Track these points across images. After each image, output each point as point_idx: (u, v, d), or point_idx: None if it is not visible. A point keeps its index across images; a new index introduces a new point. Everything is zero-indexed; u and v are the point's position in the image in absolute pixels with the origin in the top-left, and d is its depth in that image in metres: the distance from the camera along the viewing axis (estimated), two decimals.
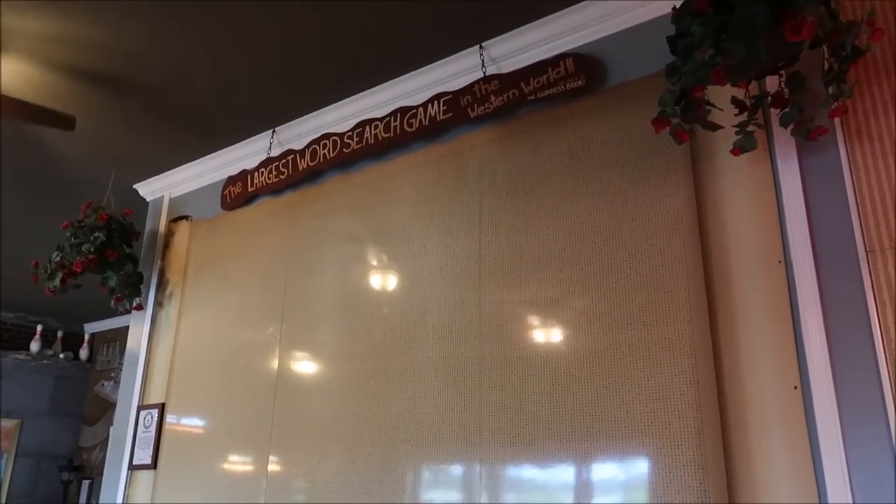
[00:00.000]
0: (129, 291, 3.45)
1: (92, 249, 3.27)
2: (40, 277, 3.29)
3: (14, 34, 2.67)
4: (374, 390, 2.60)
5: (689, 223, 2.05)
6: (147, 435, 3.34)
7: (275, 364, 2.98)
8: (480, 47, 2.65)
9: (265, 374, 2.99)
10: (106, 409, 6.89)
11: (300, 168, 3.12)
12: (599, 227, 2.23)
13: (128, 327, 3.76)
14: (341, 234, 2.95)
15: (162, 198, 3.89)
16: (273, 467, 2.81)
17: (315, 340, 2.87)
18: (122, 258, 3.40)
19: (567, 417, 2.12)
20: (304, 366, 2.88)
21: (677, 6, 1.84)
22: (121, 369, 6.97)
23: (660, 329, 2.02)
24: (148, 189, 3.94)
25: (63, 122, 2.79)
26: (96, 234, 3.31)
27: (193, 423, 3.20)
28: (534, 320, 2.28)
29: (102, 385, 7.00)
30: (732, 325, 1.91)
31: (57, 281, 3.23)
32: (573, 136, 2.38)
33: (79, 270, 3.22)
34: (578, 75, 2.36)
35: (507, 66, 2.62)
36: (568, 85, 2.38)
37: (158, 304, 3.64)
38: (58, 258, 3.29)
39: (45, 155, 3.58)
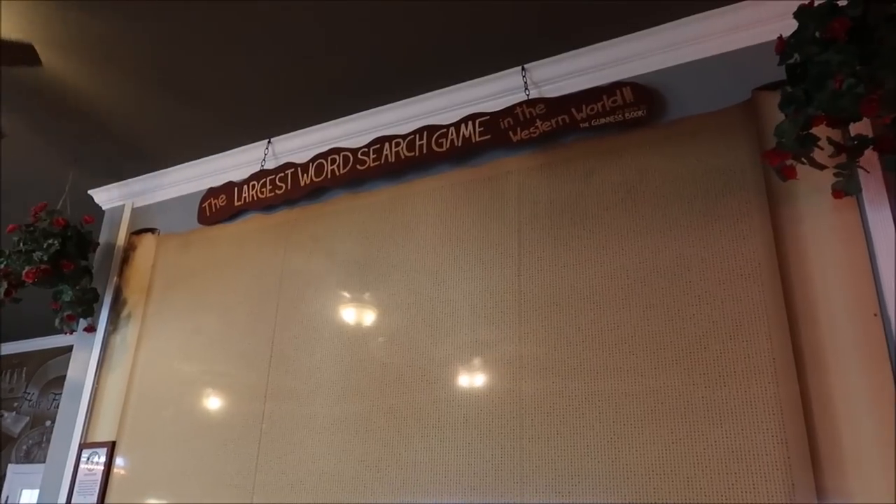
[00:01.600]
0: (83, 310, 3.01)
1: (45, 258, 2.83)
2: None
3: None
4: (388, 434, 2.31)
5: (769, 268, 1.91)
6: (90, 478, 2.87)
7: (261, 399, 2.62)
8: (523, 69, 2.48)
9: (248, 411, 2.63)
10: (3, 443, 6.11)
11: (302, 183, 2.83)
12: (663, 266, 2.06)
13: (38, 352, 3.29)
14: (347, 258, 2.66)
15: (122, 207, 3.47)
16: None
17: (312, 373, 2.55)
18: (79, 271, 2.97)
19: (630, 475, 1.90)
20: (299, 401, 2.53)
21: (783, 35, 1.75)
22: (26, 399, 6.24)
23: (739, 381, 1.85)
24: (106, 196, 3.51)
25: (24, 55, 2.36)
26: (50, 241, 2.88)
27: (152, 467, 2.76)
28: (586, 364, 2.07)
29: (2, 416, 6.21)
30: (824, 379, 1.77)
31: (0, 292, 2.76)
32: (629, 168, 2.23)
33: (30, 281, 2.77)
34: (639, 105, 2.23)
35: (550, 91, 2.46)
36: (627, 114, 2.23)
37: (112, 326, 3.19)
38: (2, 265, 2.83)
39: None
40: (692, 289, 2.00)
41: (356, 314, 2.56)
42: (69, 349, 5.89)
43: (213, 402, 2.73)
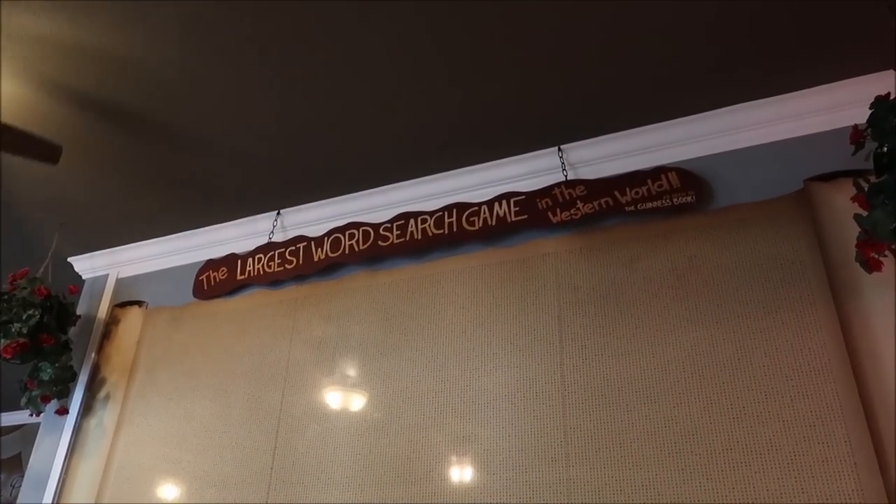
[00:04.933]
0: (59, 390, 2.70)
1: (24, 331, 2.55)
2: None
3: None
4: None
5: (840, 364, 1.82)
6: None
7: (263, 494, 2.35)
8: (560, 150, 2.42)
9: None
10: None
11: (315, 258, 2.66)
12: (722, 360, 1.95)
13: None
14: (365, 340, 2.47)
15: (105, 276, 3.21)
16: None
17: (324, 466, 2.30)
18: (59, 346, 2.69)
19: None
20: (307, 497, 2.27)
21: (859, 125, 1.72)
22: None
23: (818, 486, 1.71)
24: (88, 264, 3.26)
25: (48, 152, 2.19)
26: (31, 312, 2.61)
27: None
28: (642, 463, 1.91)
29: None
30: None
31: None
32: (678, 255, 2.15)
33: (7, 356, 2.48)
34: (686, 191, 2.17)
35: (587, 174, 2.40)
36: (675, 199, 2.17)
37: (87, 408, 2.88)
38: None
39: None
40: (757, 384, 1.88)
41: (374, 402, 2.35)
42: (10, 430, 5.41)
43: (206, 497, 2.44)
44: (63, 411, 2.81)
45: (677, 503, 1.83)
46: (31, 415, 2.77)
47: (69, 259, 3.26)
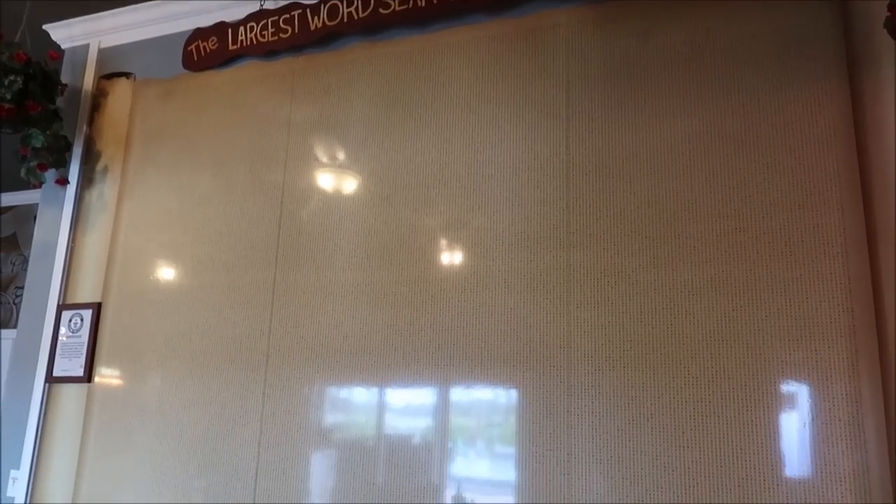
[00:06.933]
0: (55, 158, 2.68)
1: (8, 96, 2.47)
2: None
3: None
4: (421, 298, 2.21)
5: (845, 137, 1.85)
6: (76, 341, 2.66)
7: (271, 262, 2.44)
8: None
9: (257, 272, 2.46)
10: None
11: (312, 27, 2.53)
12: (729, 133, 1.97)
13: None
14: (367, 113, 2.44)
15: (86, 46, 3.05)
16: (272, 384, 2.33)
17: (329, 237, 2.38)
18: (47, 114, 2.62)
19: (685, 341, 1.89)
20: (315, 265, 2.38)
21: None
22: None
23: (806, 252, 1.82)
24: (66, 32, 3.07)
25: None
26: (12, 78, 2.50)
27: (147, 329, 2.57)
28: (640, 231, 2.00)
29: None
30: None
31: None
32: (695, 26, 2.07)
33: None
34: None
35: None
36: None
37: (87, 180, 2.88)
38: None
39: None
40: (760, 156, 1.92)
41: (377, 175, 2.37)
42: (2, 212, 5.44)
43: (215, 264, 2.53)
44: (63, 181, 2.81)
45: (672, 266, 1.94)
46: (33, 186, 2.77)
47: (45, 27, 3.06)
